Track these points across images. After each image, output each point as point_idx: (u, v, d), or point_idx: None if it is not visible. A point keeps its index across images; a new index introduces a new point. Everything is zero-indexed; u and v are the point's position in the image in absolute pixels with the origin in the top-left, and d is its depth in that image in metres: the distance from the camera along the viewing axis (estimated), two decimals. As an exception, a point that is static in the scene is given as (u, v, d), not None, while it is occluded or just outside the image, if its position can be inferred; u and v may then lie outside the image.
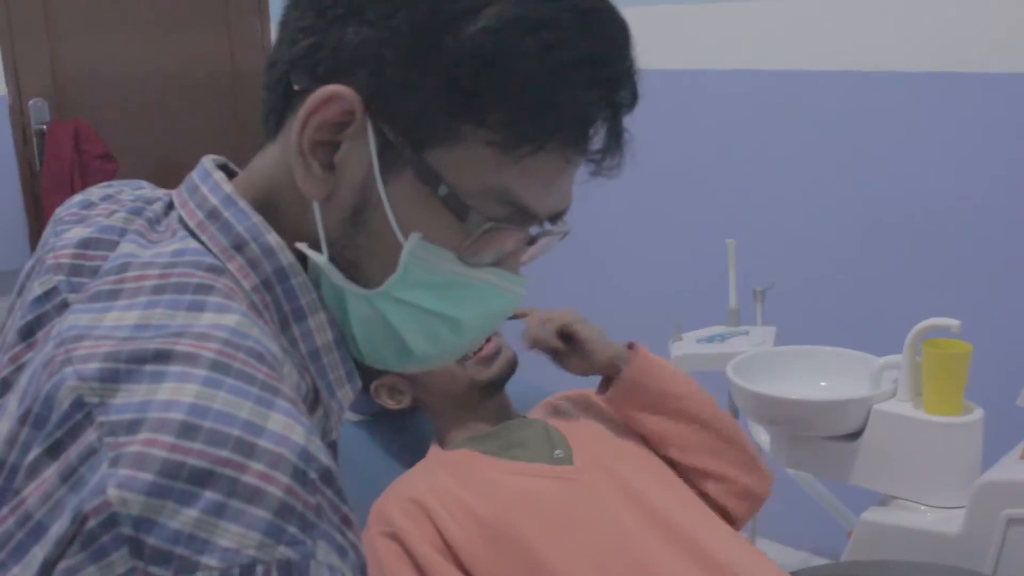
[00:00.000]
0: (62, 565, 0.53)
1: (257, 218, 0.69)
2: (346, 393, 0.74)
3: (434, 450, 1.51)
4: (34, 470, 0.56)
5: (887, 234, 2.37)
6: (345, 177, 0.68)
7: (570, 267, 2.97)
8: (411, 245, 0.68)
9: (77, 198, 0.79)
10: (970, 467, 1.67)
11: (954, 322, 1.65)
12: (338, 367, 0.72)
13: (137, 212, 0.73)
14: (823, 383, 1.87)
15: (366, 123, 0.67)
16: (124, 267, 0.66)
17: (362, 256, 0.70)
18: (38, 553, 0.54)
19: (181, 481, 0.53)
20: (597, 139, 0.71)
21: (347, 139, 0.67)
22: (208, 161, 0.73)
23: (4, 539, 0.55)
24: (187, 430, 0.54)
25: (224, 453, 0.54)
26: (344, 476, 1.61)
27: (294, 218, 0.70)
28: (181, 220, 0.70)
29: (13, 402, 0.61)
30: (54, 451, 0.56)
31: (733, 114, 2.59)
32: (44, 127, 2.82)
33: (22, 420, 0.58)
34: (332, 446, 0.73)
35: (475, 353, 1.50)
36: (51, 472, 0.55)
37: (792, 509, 2.38)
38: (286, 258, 0.69)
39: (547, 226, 0.75)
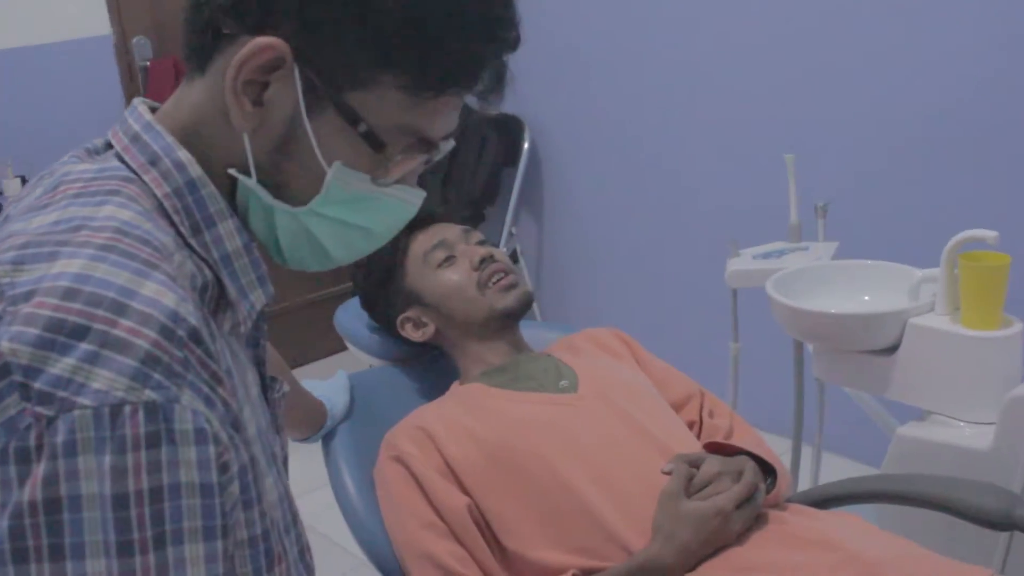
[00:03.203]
0: None
1: (171, 139, 0.79)
2: (258, 296, 0.83)
3: (452, 387, 1.60)
4: None
5: (944, 145, 2.29)
6: (273, 113, 0.78)
7: (638, 185, 2.98)
8: (334, 171, 0.79)
9: None
10: (1008, 382, 1.61)
11: (991, 233, 1.59)
12: (249, 272, 0.82)
13: (77, 148, 0.85)
14: (866, 297, 1.85)
15: (294, 68, 0.76)
16: (57, 184, 0.77)
17: (288, 179, 0.81)
18: None
19: (63, 335, 0.63)
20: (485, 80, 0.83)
21: (275, 80, 0.77)
22: (137, 100, 0.85)
23: None
24: (70, 293, 0.64)
25: (99, 312, 0.64)
26: (368, 417, 1.67)
27: (222, 146, 0.80)
28: (115, 152, 0.81)
29: None
30: None
31: (788, 30, 2.52)
32: (147, 63, 3.00)
33: None
34: (242, 338, 0.83)
35: (495, 283, 1.56)
36: None
37: (860, 425, 2.36)
38: (195, 171, 0.79)
39: (441, 146, 0.86)
